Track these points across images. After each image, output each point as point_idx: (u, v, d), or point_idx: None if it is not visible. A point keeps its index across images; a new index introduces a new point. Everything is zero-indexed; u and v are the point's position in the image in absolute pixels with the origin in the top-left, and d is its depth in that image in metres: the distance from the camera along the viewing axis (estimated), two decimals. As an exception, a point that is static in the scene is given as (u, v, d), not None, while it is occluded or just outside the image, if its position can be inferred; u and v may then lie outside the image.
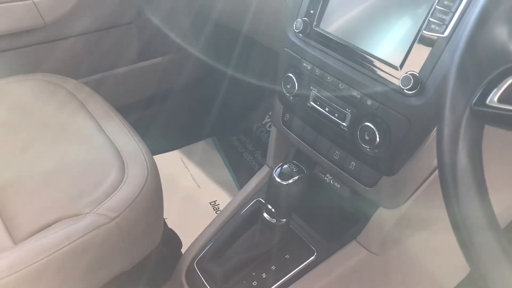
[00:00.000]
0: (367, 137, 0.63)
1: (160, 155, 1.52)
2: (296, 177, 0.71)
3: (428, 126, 0.58)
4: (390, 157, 0.63)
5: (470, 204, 0.39)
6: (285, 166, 0.72)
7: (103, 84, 1.27)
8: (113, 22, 1.26)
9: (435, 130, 0.58)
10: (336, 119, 0.67)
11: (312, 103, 0.71)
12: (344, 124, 0.67)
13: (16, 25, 1.08)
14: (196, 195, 1.44)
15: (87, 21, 1.19)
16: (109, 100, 0.99)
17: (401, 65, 0.58)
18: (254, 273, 0.79)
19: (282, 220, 0.76)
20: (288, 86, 0.73)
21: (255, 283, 0.78)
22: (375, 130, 0.61)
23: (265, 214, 0.76)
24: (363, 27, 0.64)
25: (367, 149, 0.64)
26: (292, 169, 0.72)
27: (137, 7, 1.30)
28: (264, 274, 0.79)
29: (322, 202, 0.85)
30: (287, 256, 0.80)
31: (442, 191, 0.42)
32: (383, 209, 0.72)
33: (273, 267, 0.79)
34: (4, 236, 0.71)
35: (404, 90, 0.57)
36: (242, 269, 0.80)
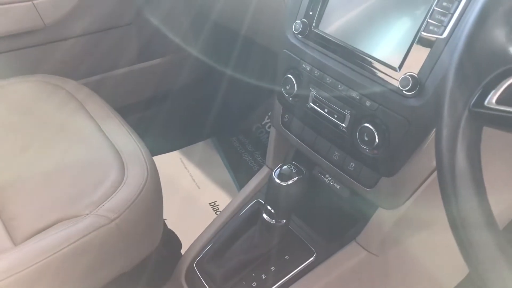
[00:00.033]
0: (366, 138, 0.63)
1: (160, 156, 1.52)
2: (295, 178, 0.71)
3: (427, 127, 0.58)
4: (389, 158, 0.63)
5: (468, 204, 0.39)
6: (285, 167, 0.72)
7: (102, 85, 1.27)
8: (113, 23, 1.26)
9: (434, 131, 0.58)
10: (335, 120, 0.68)
11: (311, 104, 0.71)
12: (343, 125, 0.67)
13: (16, 26, 1.08)
14: (196, 195, 1.44)
15: (87, 22, 1.19)
16: (109, 101, 0.99)
17: (400, 66, 0.58)
18: (253, 274, 0.79)
19: (281, 221, 0.76)
20: (288, 87, 0.73)
21: (254, 284, 0.78)
22: (374, 131, 0.61)
23: (264, 215, 0.76)
24: (362, 28, 0.64)
25: (366, 150, 0.64)
26: (292, 170, 0.72)
27: (137, 8, 1.30)
28: (263, 275, 0.79)
29: (322, 203, 0.85)
30: (287, 257, 0.80)
31: (441, 192, 0.42)
32: (382, 209, 0.72)
33: (273, 268, 0.79)
34: (4, 237, 0.71)
35: (403, 91, 0.57)
36: (242, 270, 0.80)
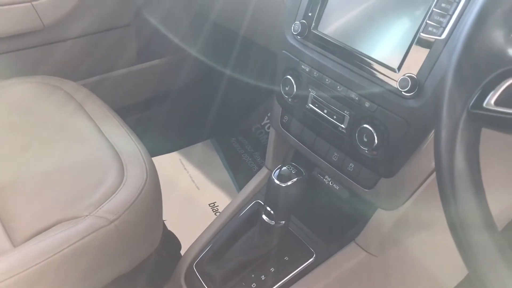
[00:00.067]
0: (365, 139, 0.63)
1: (159, 157, 1.52)
2: (294, 179, 0.71)
3: (426, 128, 0.59)
4: (389, 159, 0.63)
5: (467, 206, 0.39)
6: (284, 168, 0.72)
7: (101, 86, 1.27)
8: (112, 24, 1.26)
9: (433, 132, 0.58)
10: (334, 121, 0.68)
11: (310, 105, 0.71)
12: (342, 126, 0.67)
13: (15, 27, 1.08)
14: (195, 196, 1.44)
15: (86, 23, 1.19)
16: (108, 102, 0.99)
17: (399, 67, 0.59)
18: (253, 275, 0.79)
19: (281, 222, 0.76)
20: (287, 88, 0.73)
21: (254, 285, 0.78)
22: (373, 132, 0.61)
23: (264, 216, 0.76)
24: (361, 29, 0.64)
25: (366, 151, 0.64)
26: (291, 171, 0.72)
27: (136, 9, 1.30)
28: (263, 276, 0.78)
29: (321, 203, 0.85)
30: (286, 258, 0.80)
31: (440, 193, 0.42)
32: (381, 210, 0.72)
33: (272, 269, 0.79)
34: (3, 239, 0.71)
35: (402, 92, 0.57)
36: (241, 271, 0.80)
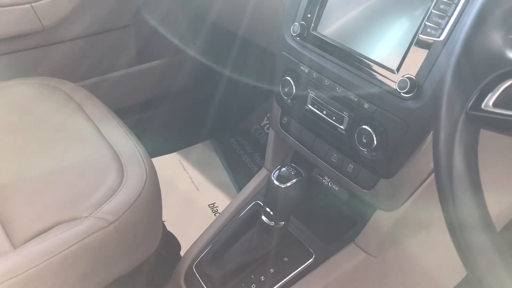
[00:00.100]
0: (364, 140, 0.63)
1: (159, 158, 1.52)
2: (294, 180, 0.71)
3: (425, 129, 0.59)
4: (388, 160, 0.63)
5: (465, 207, 0.39)
6: (283, 169, 0.72)
7: (101, 87, 1.27)
8: (111, 25, 1.26)
9: (432, 133, 0.58)
10: (333, 122, 0.68)
11: (309, 106, 0.71)
12: (341, 127, 0.67)
13: (15, 28, 1.08)
14: (195, 197, 1.44)
15: (85, 25, 1.19)
16: (107, 103, 0.99)
17: (398, 69, 0.59)
18: (252, 276, 0.79)
19: (280, 223, 0.76)
20: (286, 89, 0.73)
21: (253, 286, 0.78)
22: (373, 133, 0.62)
23: (263, 217, 0.76)
24: (360, 30, 0.64)
25: (365, 152, 0.64)
26: (290, 172, 0.72)
27: (135, 11, 1.31)
28: (262, 277, 0.79)
29: (320, 204, 0.85)
30: (286, 259, 0.80)
31: (439, 194, 0.42)
32: (381, 211, 0.72)
33: (272, 270, 0.79)
34: (3, 240, 0.71)
35: (401, 93, 0.57)
36: (241, 272, 0.80)
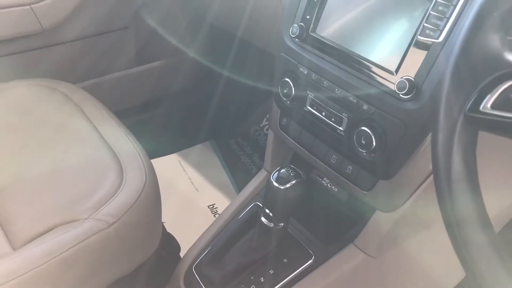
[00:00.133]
0: (363, 141, 0.63)
1: (158, 159, 1.52)
2: (293, 182, 0.71)
3: (424, 130, 0.59)
4: (387, 161, 0.63)
5: (464, 208, 0.39)
6: (283, 171, 0.73)
7: (100, 89, 1.27)
8: (110, 27, 1.26)
9: (430, 134, 0.58)
10: (332, 123, 0.68)
11: (309, 107, 0.71)
12: (340, 128, 0.67)
13: (14, 30, 1.08)
14: (194, 198, 1.44)
15: (85, 26, 1.19)
16: (106, 104, 0.99)
17: (397, 70, 0.59)
18: (252, 277, 0.79)
19: (279, 224, 0.76)
20: (285, 90, 0.73)
21: (253, 287, 0.78)
22: (372, 134, 0.62)
23: (262, 218, 0.76)
24: (359, 32, 0.64)
25: (364, 153, 0.64)
26: (290, 174, 0.72)
27: (134, 12, 1.31)
28: (262, 278, 0.79)
29: (320, 206, 0.85)
30: (285, 260, 0.80)
31: (437, 195, 0.42)
32: (380, 212, 0.72)
33: (271, 271, 0.79)
34: (3, 242, 0.71)
35: (400, 94, 0.57)
36: (240, 273, 0.80)
